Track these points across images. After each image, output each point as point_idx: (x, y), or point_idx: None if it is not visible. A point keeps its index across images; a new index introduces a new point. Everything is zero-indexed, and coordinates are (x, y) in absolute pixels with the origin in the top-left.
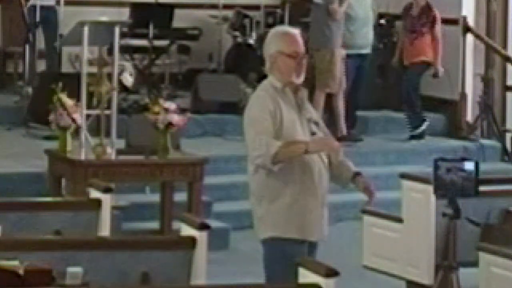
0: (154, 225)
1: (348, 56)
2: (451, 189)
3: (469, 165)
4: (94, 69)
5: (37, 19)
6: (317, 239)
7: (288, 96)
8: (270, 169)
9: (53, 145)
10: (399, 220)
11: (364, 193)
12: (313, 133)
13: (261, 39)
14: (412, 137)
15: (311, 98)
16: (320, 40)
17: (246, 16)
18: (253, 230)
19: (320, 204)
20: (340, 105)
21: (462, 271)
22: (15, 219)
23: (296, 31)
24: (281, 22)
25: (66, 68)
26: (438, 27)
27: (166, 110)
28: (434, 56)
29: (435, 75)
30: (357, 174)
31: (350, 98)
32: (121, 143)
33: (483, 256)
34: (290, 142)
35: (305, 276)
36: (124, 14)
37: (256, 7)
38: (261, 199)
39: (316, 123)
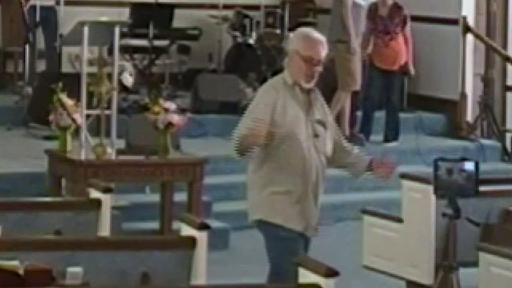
0: (154, 225)
1: None
2: (451, 189)
3: (469, 165)
4: (94, 69)
5: (37, 19)
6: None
7: (297, 94)
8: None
9: (53, 145)
10: (399, 220)
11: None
12: (316, 135)
13: (261, 39)
14: (387, 140)
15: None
16: (339, 36)
17: (246, 16)
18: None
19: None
20: (346, 104)
21: (462, 271)
22: (15, 219)
23: (320, 38)
24: (281, 22)
25: (66, 68)
26: (409, 27)
27: (166, 110)
28: (407, 57)
29: (406, 74)
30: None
31: (351, 98)
32: (121, 143)
33: (483, 256)
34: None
35: (305, 276)
36: (124, 14)
37: (256, 7)
38: (254, 185)
39: (323, 124)
